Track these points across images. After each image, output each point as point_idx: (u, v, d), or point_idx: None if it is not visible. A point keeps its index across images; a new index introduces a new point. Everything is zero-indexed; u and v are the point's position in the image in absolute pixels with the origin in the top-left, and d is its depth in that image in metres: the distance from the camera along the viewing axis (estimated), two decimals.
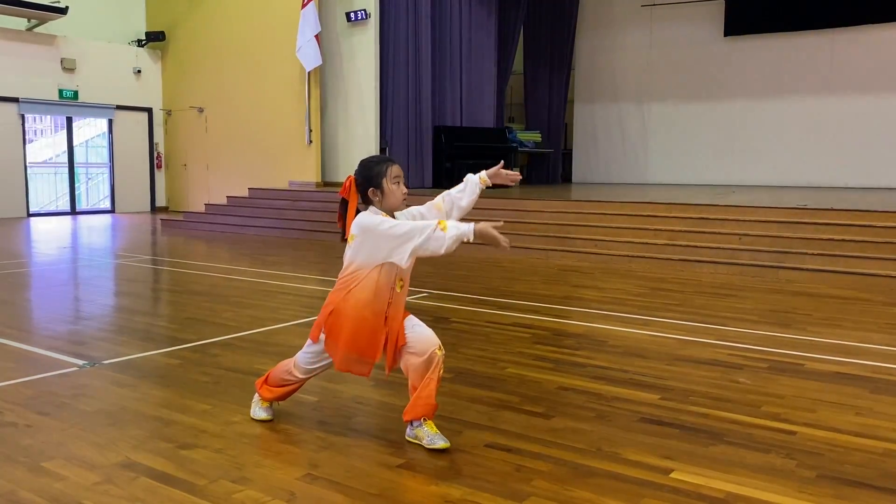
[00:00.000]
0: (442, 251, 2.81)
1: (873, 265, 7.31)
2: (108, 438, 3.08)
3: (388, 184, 2.93)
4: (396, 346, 2.99)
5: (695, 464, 2.85)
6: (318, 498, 2.55)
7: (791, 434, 3.17)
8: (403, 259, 2.86)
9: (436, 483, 2.67)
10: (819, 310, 5.97)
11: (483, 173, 3.16)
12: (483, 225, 2.80)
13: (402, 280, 3.00)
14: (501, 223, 2.85)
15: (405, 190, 2.97)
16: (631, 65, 16.67)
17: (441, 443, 2.94)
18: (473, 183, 3.15)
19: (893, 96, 13.79)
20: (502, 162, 3.28)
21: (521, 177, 3.28)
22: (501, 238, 2.81)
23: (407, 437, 3.04)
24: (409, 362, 2.98)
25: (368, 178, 2.95)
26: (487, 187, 3.18)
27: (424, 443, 2.96)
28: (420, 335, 2.98)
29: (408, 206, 3.10)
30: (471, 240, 2.81)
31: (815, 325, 5.41)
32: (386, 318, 2.97)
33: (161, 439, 3.08)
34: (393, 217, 2.98)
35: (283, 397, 3.29)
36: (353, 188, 2.99)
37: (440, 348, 2.96)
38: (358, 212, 3.01)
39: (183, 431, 3.17)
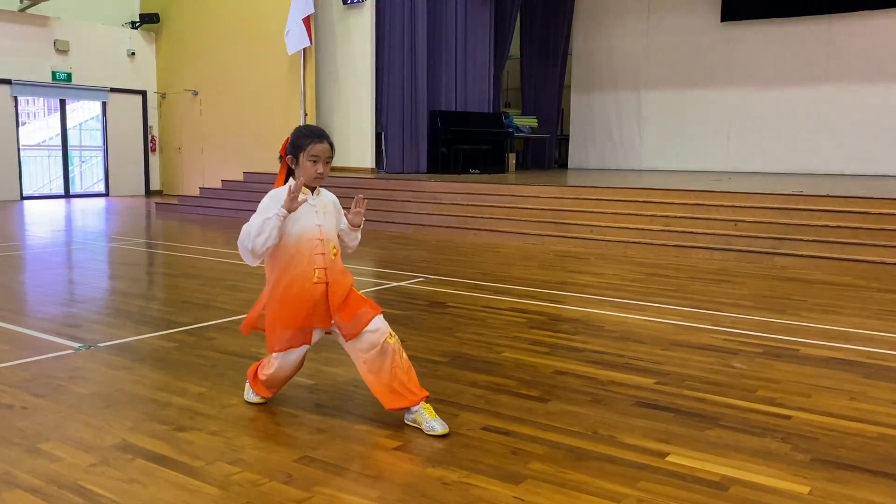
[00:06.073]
0: (254, 242, 2.85)
1: (868, 252, 7.33)
2: (103, 420, 3.08)
3: (303, 158, 2.95)
4: (342, 310, 2.98)
5: (690, 447, 2.86)
6: (315, 480, 2.55)
7: (786, 418, 3.19)
8: (248, 259, 2.92)
9: (432, 465, 2.68)
10: (814, 296, 5.99)
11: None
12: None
13: (335, 247, 3.03)
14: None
15: (320, 170, 2.95)
16: (627, 51, 16.58)
17: (440, 428, 2.94)
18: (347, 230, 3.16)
19: (891, 84, 13.75)
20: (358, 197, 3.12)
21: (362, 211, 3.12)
22: (296, 192, 2.83)
23: (406, 421, 3.03)
24: (363, 358, 2.97)
25: (293, 145, 3.00)
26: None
27: (423, 428, 2.96)
28: (368, 330, 2.95)
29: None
30: (279, 214, 2.84)
31: (810, 310, 5.43)
32: (327, 283, 2.97)
33: (157, 421, 3.08)
34: (312, 191, 3.01)
35: (272, 392, 3.26)
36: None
37: (391, 336, 2.97)
38: (289, 174, 3.06)
39: (179, 414, 3.17)
